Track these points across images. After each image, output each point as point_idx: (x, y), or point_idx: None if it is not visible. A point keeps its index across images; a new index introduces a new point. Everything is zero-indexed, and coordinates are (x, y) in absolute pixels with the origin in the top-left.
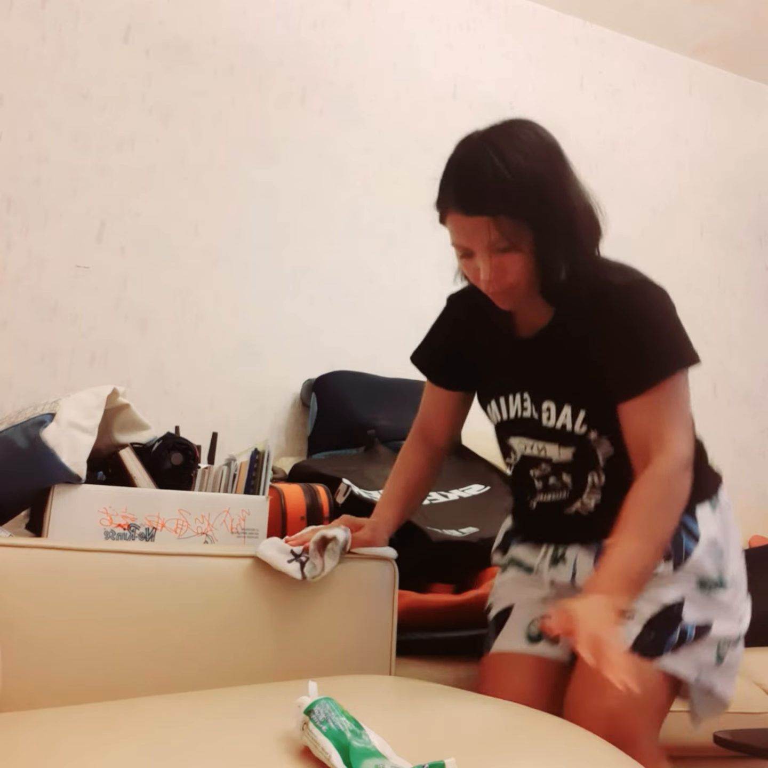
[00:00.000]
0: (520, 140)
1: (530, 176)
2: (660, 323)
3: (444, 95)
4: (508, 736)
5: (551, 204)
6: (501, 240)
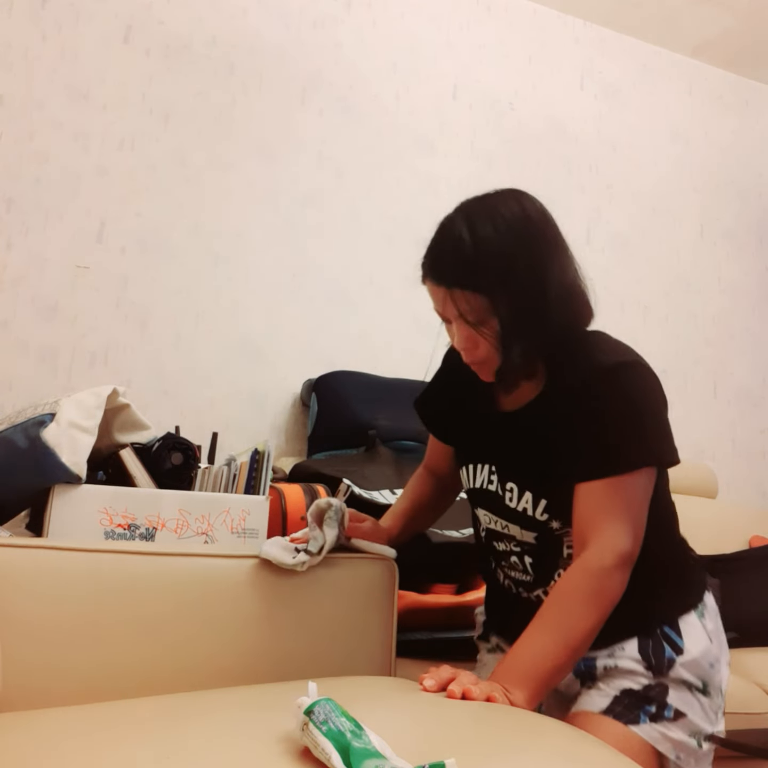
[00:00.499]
0: (496, 212)
1: (496, 251)
2: (640, 413)
3: (444, 95)
4: (508, 736)
5: (519, 281)
6: (470, 313)
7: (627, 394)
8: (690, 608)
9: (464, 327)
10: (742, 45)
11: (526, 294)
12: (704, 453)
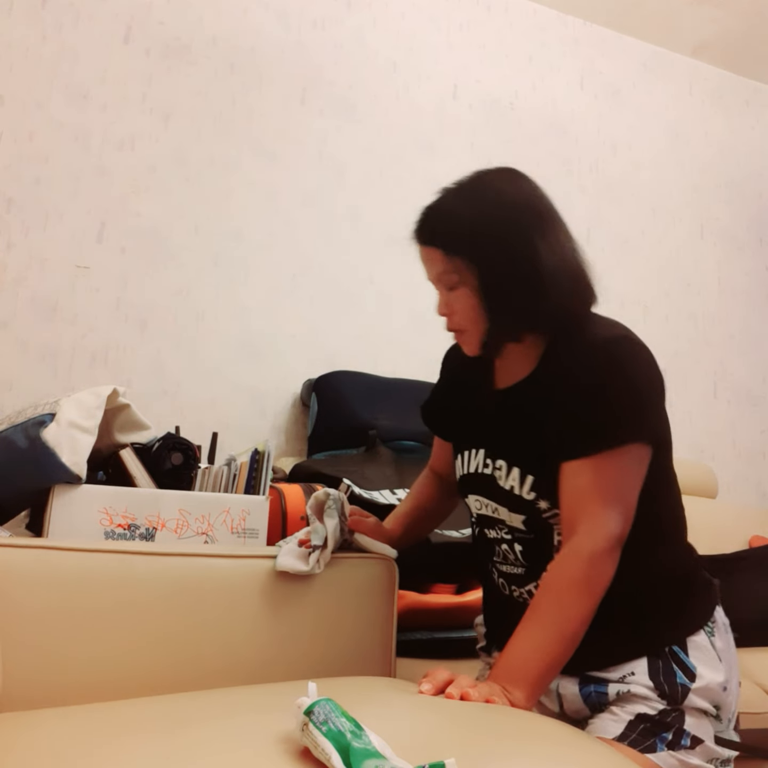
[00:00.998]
0: (486, 183)
1: (475, 217)
2: (627, 388)
3: (444, 95)
4: (508, 736)
5: (497, 249)
6: (446, 275)
7: (613, 368)
8: (699, 628)
9: (443, 292)
10: (742, 45)
11: (503, 262)
12: (704, 453)
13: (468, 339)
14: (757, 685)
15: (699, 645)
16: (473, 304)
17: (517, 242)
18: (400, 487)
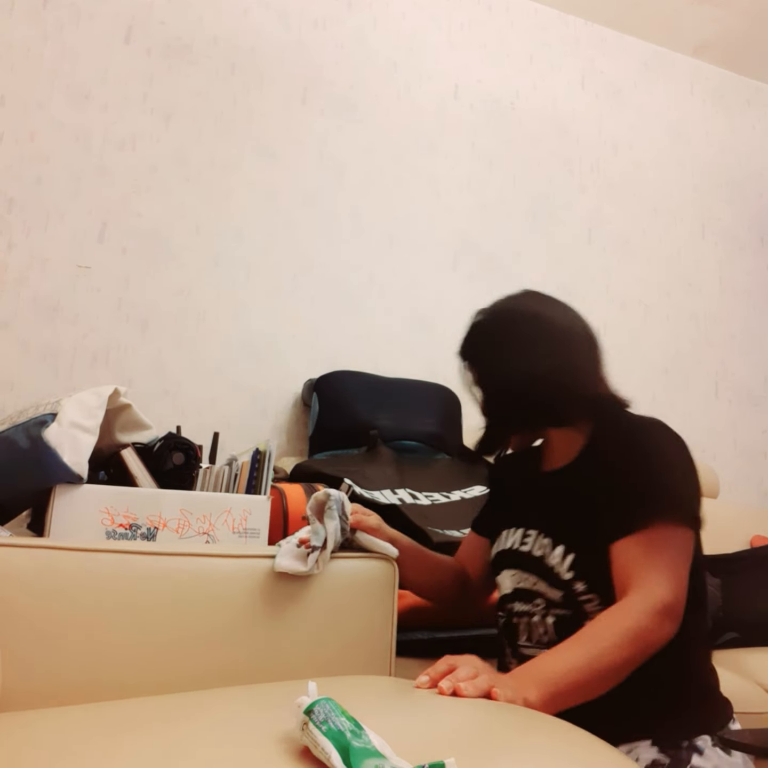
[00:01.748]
0: (505, 304)
1: (482, 331)
2: (673, 471)
3: (445, 95)
4: (508, 736)
5: (494, 359)
6: (463, 380)
7: (655, 450)
8: (705, 732)
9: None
10: (743, 44)
11: (494, 370)
12: (705, 453)
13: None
14: (759, 685)
15: (708, 744)
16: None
17: (510, 356)
18: (401, 487)
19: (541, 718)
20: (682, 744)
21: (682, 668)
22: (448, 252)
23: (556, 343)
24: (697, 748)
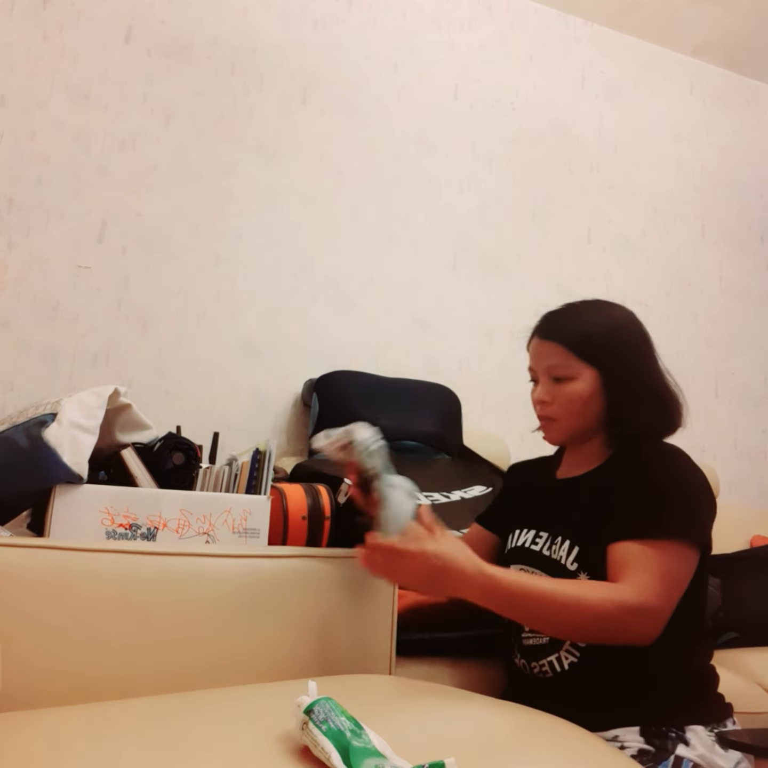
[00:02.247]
0: (611, 308)
1: (609, 329)
2: (691, 496)
3: (445, 95)
4: (508, 735)
5: (629, 363)
6: (560, 368)
7: (677, 474)
8: (701, 722)
9: (547, 382)
10: (743, 44)
11: (624, 372)
12: (705, 453)
13: (558, 428)
14: (759, 685)
15: (699, 734)
16: (580, 400)
17: (638, 360)
18: None
19: (542, 717)
20: (669, 734)
21: (673, 662)
22: (448, 252)
23: (656, 361)
24: (684, 739)
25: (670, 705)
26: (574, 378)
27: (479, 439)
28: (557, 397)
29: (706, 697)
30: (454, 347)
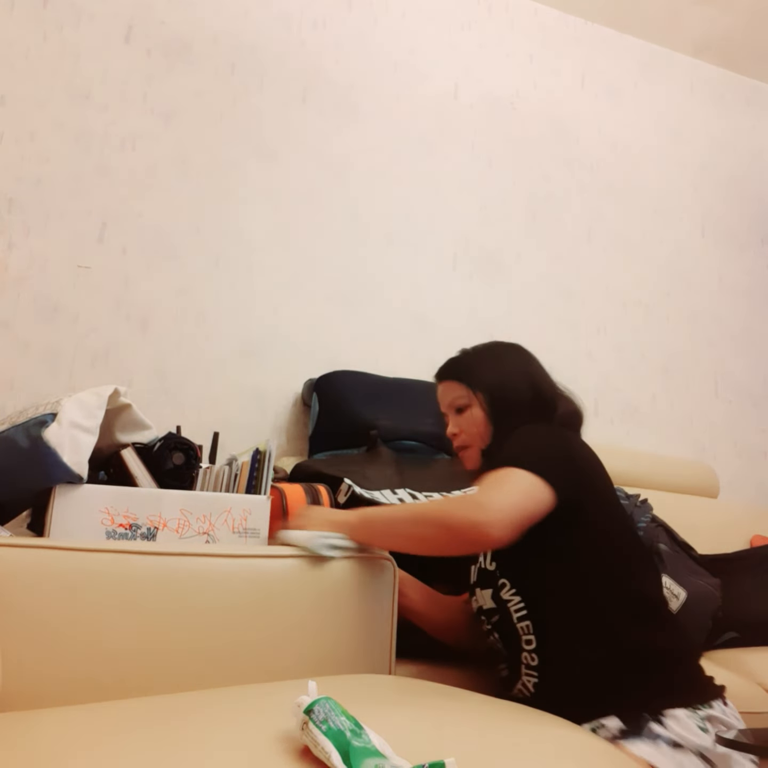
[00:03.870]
0: (493, 344)
1: (483, 359)
2: (531, 443)
3: (445, 95)
4: (508, 735)
5: (504, 376)
6: (458, 399)
7: (526, 430)
8: (681, 704)
9: (453, 416)
10: (743, 44)
11: (500, 390)
12: (705, 452)
13: (471, 454)
14: (759, 685)
15: (678, 718)
16: (480, 421)
17: (514, 373)
18: (401, 487)
19: (541, 718)
20: (644, 715)
21: (635, 647)
22: (448, 252)
23: (542, 371)
24: (660, 721)
25: (643, 690)
26: (470, 405)
27: None
28: (462, 425)
29: (684, 677)
30: (454, 347)
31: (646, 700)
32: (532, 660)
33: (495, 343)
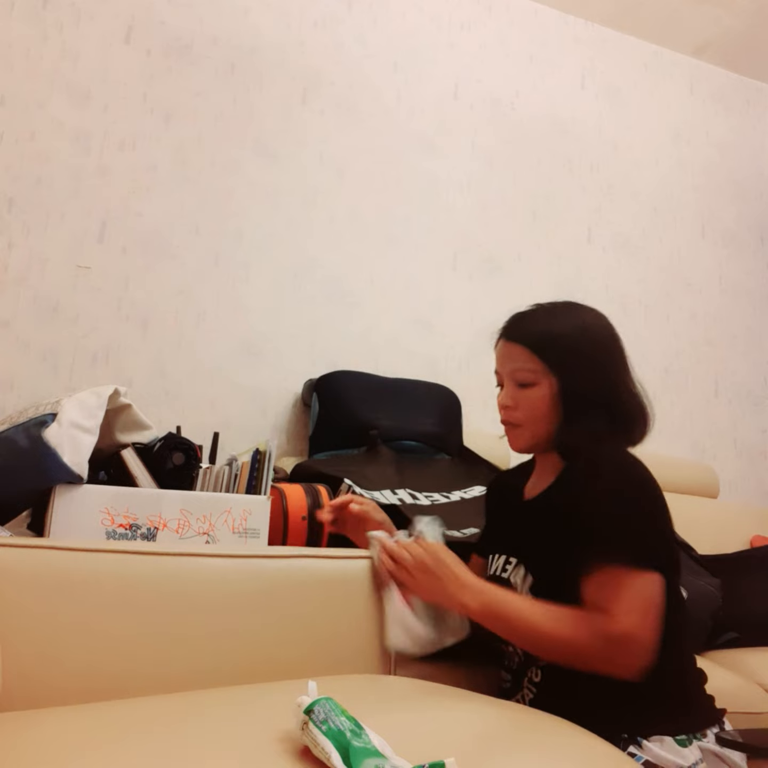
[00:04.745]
0: (581, 314)
1: (577, 333)
2: (635, 515)
3: (445, 95)
4: (508, 735)
5: (591, 374)
6: (523, 372)
7: (629, 492)
8: (667, 732)
9: (511, 386)
10: (743, 44)
11: (586, 381)
12: (705, 453)
13: (521, 434)
14: (759, 685)
15: (665, 742)
16: (542, 406)
17: (602, 368)
18: (401, 487)
19: (541, 717)
20: (621, 736)
21: (657, 678)
22: (448, 252)
23: (628, 369)
24: (636, 741)
25: (635, 718)
26: (536, 384)
27: (479, 440)
28: (521, 402)
29: (682, 710)
30: (454, 347)
31: (639, 728)
32: (536, 676)
33: (581, 315)
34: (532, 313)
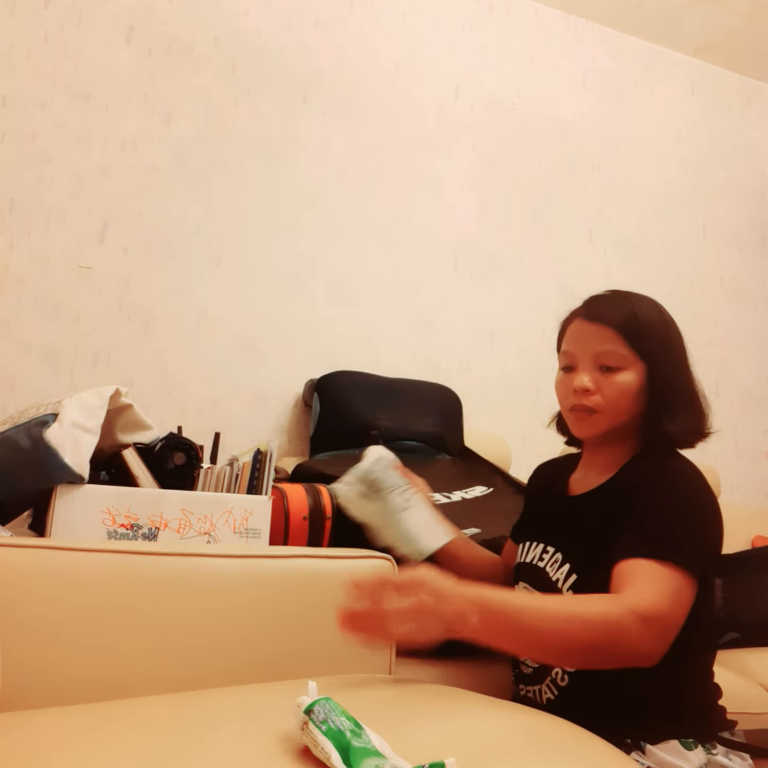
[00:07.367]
0: (654, 301)
1: (661, 322)
2: (699, 524)
3: (446, 95)
4: (508, 735)
5: (676, 362)
6: (611, 355)
7: (689, 496)
8: (673, 735)
9: (594, 370)
10: (745, 44)
11: (673, 371)
12: (707, 453)
13: (597, 421)
14: (760, 685)
15: (670, 744)
16: (629, 393)
17: (682, 360)
18: None
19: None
20: (625, 741)
21: (654, 692)
22: (449, 252)
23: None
24: (639, 746)
25: (644, 725)
26: (624, 369)
27: (480, 440)
28: (603, 387)
29: (694, 720)
30: (454, 347)
31: (646, 733)
32: (561, 680)
33: (660, 306)
34: (612, 296)
